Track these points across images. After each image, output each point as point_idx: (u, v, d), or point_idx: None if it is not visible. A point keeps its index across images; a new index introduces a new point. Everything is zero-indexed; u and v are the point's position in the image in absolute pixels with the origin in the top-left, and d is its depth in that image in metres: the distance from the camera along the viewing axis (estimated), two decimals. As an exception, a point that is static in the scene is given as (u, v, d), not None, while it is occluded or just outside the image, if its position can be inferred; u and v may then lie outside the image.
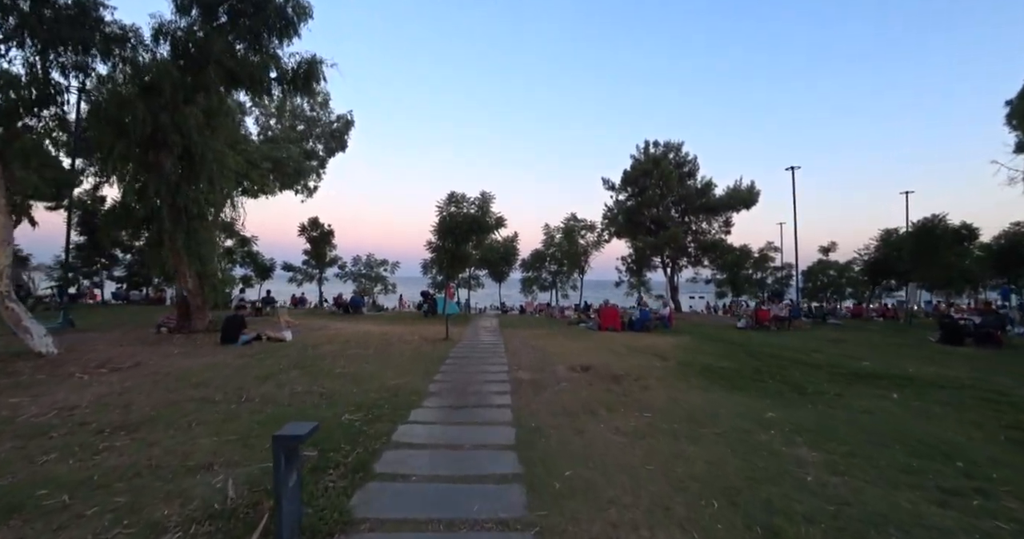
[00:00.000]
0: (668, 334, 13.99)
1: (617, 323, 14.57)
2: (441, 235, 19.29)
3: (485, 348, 9.95)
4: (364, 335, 11.41)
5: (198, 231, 10.21)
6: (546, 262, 27.94)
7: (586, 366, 7.63)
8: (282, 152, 16.28)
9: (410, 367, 7.45)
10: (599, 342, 11.28)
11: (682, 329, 15.78)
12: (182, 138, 9.38)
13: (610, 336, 12.92)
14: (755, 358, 9.32)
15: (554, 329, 14.84)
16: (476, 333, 13.07)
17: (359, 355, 8.46)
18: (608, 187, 25.06)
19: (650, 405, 5.44)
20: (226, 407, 5.00)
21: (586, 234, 22.01)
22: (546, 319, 20.45)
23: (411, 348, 9.46)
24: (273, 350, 8.82)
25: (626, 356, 9.01)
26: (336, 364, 7.51)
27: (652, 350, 9.95)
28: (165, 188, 9.60)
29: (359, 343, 9.95)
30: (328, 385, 6.08)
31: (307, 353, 8.53)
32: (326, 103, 22.16)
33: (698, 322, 20.21)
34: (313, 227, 26.62)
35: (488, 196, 18.49)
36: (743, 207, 23.61)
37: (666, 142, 23.40)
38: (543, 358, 8.57)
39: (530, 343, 10.79)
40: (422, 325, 14.77)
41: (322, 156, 22.59)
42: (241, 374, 6.62)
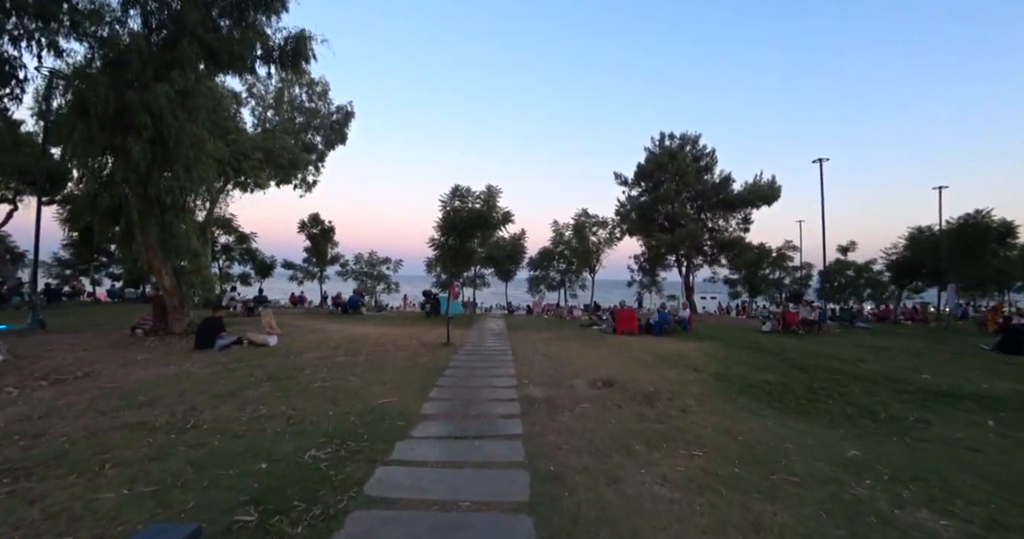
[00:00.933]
0: (690, 339, 12.84)
1: (634, 326, 13.44)
2: (445, 231, 18.27)
3: (490, 355, 8.88)
4: (357, 339, 10.39)
5: (173, 224, 9.22)
6: (555, 261, 26.80)
7: (609, 380, 6.52)
8: (275, 142, 15.29)
9: (403, 380, 6.40)
10: (617, 348, 10.17)
11: (703, 333, 14.60)
12: (152, 119, 8.38)
13: (628, 341, 11.79)
14: (799, 369, 8.16)
15: (565, 332, 13.74)
16: (481, 337, 12.00)
17: (347, 364, 7.42)
18: (620, 182, 23.88)
19: (697, 437, 4.33)
20: (163, 437, 3.97)
21: (598, 231, 20.90)
22: (555, 320, 19.34)
23: (407, 355, 8.40)
24: (251, 357, 7.80)
25: (652, 366, 7.89)
26: (317, 376, 6.47)
27: (679, 359, 8.82)
28: (135, 176, 8.61)
29: (350, 349, 8.92)
30: (301, 405, 5.04)
31: (288, 361, 7.50)
32: (325, 93, 21.23)
33: (716, 324, 19.00)
34: (313, 223, 25.71)
35: (495, 190, 17.44)
36: (763, 203, 22.32)
37: (682, 134, 22.20)
38: (557, 369, 7.48)
39: (540, 349, 9.70)
40: (423, 327, 13.74)
41: (321, 149, 21.65)
42: (202, 389, 5.60)
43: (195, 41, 8.52)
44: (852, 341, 13.60)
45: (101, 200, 8.52)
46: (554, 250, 26.60)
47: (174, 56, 8.61)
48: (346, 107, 21.49)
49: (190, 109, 9.18)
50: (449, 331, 10.01)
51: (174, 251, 9.39)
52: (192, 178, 9.31)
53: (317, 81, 21.05)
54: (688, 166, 20.54)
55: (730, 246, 23.57)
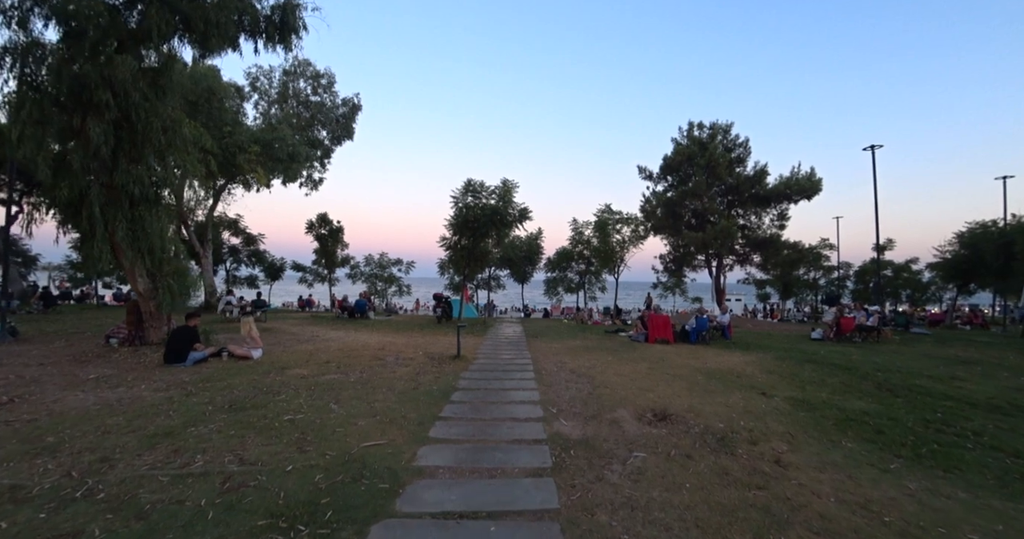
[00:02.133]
0: (733, 348, 11.24)
1: (669, 333, 11.90)
2: (457, 230, 16.96)
3: (507, 371, 7.48)
4: (355, 351, 9.11)
5: (145, 219, 8.05)
6: (573, 261, 25.30)
7: (661, 411, 5.06)
8: (272, 133, 14.19)
9: (398, 410, 5.04)
10: (656, 362, 8.67)
11: (745, 341, 12.97)
12: (115, 98, 7.23)
13: (664, 351, 10.27)
14: (889, 392, 6.57)
15: (590, 340, 12.28)
16: (496, 347, 10.62)
17: (334, 385, 6.11)
18: (644, 176, 22.27)
19: (824, 519, 2.86)
20: (29, 515, 2.68)
21: (622, 228, 19.37)
22: (576, 325, 17.86)
23: (409, 373, 7.06)
24: (223, 375, 6.56)
25: (707, 389, 6.38)
26: (292, 403, 5.16)
27: (735, 377, 7.30)
28: (97, 163, 7.49)
29: (343, 364, 7.62)
30: (255, 452, 3.72)
31: (264, 381, 6.22)
32: (331, 85, 20.17)
33: (753, 330, 17.27)
34: (321, 224, 24.67)
35: (511, 184, 16.05)
36: (802, 198, 20.47)
37: (713, 124, 20.47)
38: (591, 391, 6.04)
39: (566, 362, 8.27)
40: (432, 334, 12.42)
41: (327, 145, 20.60)
42: (135, 425, 4.33)
43: (165, 7, 7.34)
44: (921, 351, 11.82)
45: (60, 191, 7.39)
46: (573, 250, 25.12)
47: (141, 26, 7.45)
48: (352, 100, 20.42)
49: (162, 88, 8.01)
50: (460, 342, 8.63)
51: (146, 250, 8.22)
52: (166, 167, 8.14)
53: (323, 73, 20.04)
54: (720, 157, 18.86)
55: (765, 245, 21.75)
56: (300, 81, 20.03)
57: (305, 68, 19.79)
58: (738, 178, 20.26)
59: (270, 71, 19.84)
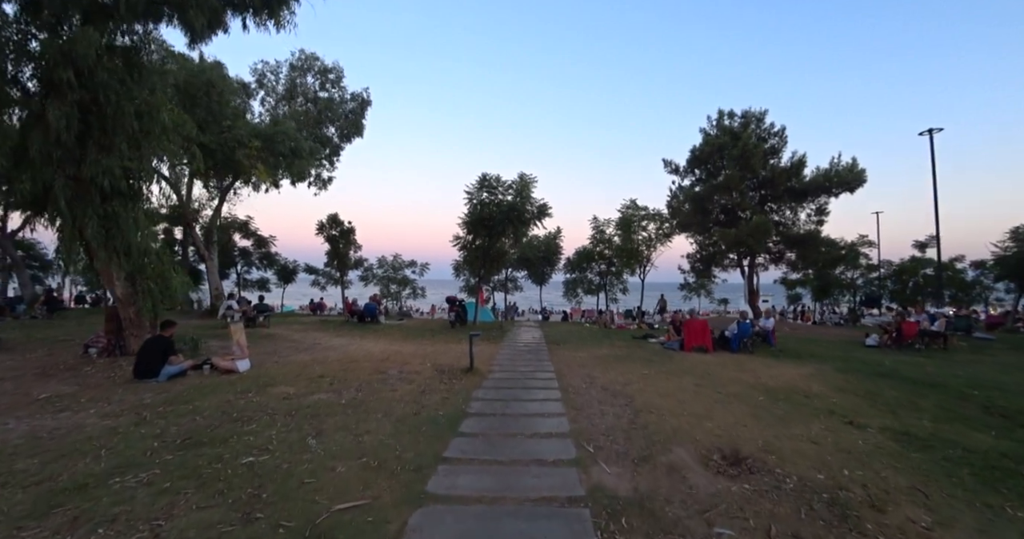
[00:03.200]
0: (783, 357, 9.91)
1: (707, 340, 10.61)
2: (472, 228, 15.94)
3: (528, 389, 6.36)
4: (356, 362, 8.10)
5: (119, 215, 7.19)
6: (594, 261, 24.02)
7: (732, 452, 3.87)
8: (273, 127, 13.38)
9: (393, 445, 3.98)
10: (702, 376, 7.44)
11: (792, 348, 11.59)
12: (79, 78, 6.37)
13: (705, 362, 9.02)
14: (1008, 419, 5.23)
15: (618, 347, 11.06)
16: (514, 356, 9.51)
17: (322, 408, 5.08)
18: (670, 170, 20.88)
19: None
20: None
21: (648, 225, 18.04)
22: (599, 329, 16.62)
23: (412, 391, 6.00)
24: (195, 395, 5.59)
25: (776, 414, 5.14)
26: (262, 436, 4.14)
27: (803, 397, 6.03)
28: (61, 151, 6.63)
29: (338, 379, 6.60)
30: (183, 521, 2.68)
31: (239, 404, 5.22)
32: (339, 80, 19.37)
33: (792, 334, 15.77)
34: (332, 225, 23.90)
35: (529, 179, 14.96)
36: (844, 190, 18.82)
37: (745, 112, 18.97)
38: (633, 419, 4.87)
39: (597, 377, 7.10)
40: (444, 341, 11.37)
41: (336, 142, 19.81)
42: (51, 470, 3.35)
43: (135, -25, 6.47)
44: (1000, 361, 10.29)
45: (22, 185, 6.57)
46: (593, 250, 23.86)
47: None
48: (362, 94, 19.58)
49: (136, 68, 7.14)
50: (473, 352, 7.53)
51: (122, 250, 7.36)
52: (142, 157, 7.25)
53: (331, 67, 19.25)
54: (754, 147, 17.40)
55: (801, 242, 20.13)
56: (308, 76, 19.29)
57: (312, 63, 19.05)
58: (773, 170, 18.74)
59: (277, 67, 19.17)
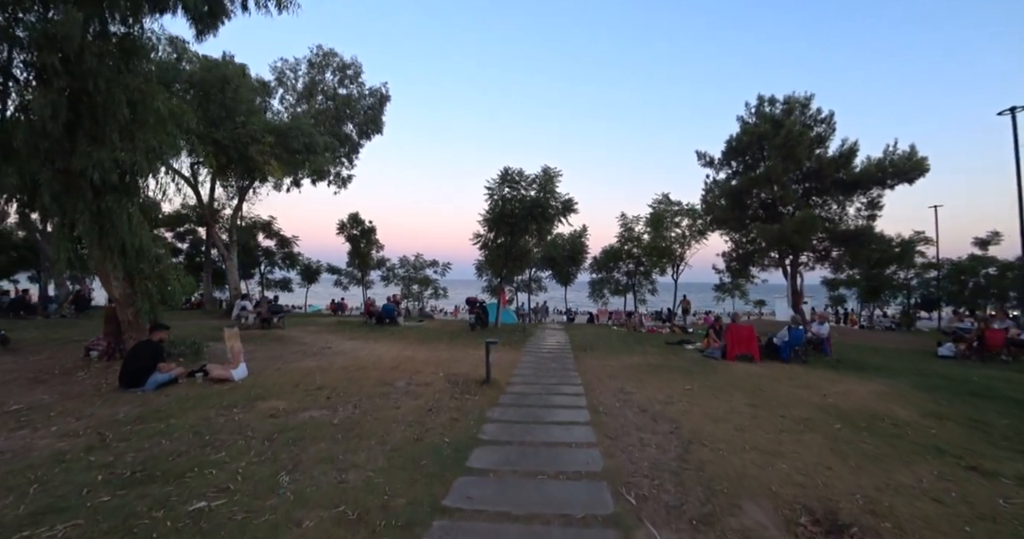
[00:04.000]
0: (842, 369, 8.70)
1: (754, 348, 9.46)
2: (493, 225, 15.15)
3: (552, 409, 5.49)
4: (362, 370, 7.39)
5: (113, 211, 6.70)
6: (622, 260, 22.86)
7: (828, 518, 2.88)
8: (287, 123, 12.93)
9: (382, 486, 3.18)
10: (755, 392, 6.39)
11: (850, 357, 10.30)
12: (66, 64, 5.89)
13: (755, 374, 7.93)
14: None
15: (651, 354, 10.04)
16: (537, 365, 8.64)
17: (309, 430, 4.34)
18: (704, 163, 19.51)
19: None
20: None
21: (682, 221, 16.78)
22: (628, 333, 15.55)
23: (418, 408, 5.22)
24: (174, 409, 4.96)
25: (864, 450, 4.09)
26: (228, 469, 3.42)
27: (891, 424, 4.93)
28: (49, 143, 6.17)
29: (338, 391, 5.89)
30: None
31: (218, 422, 4.55)
32: (357, 75, 18.92)
33: (843, 341, 14.27)
34: (353, 224, 23.62)
35: (553, 172, 14.06)
36: (901, 181, 17.05)
37: (788, 97, 17.45)
38: (683, 454, 3.93)
39: (632, 393, 6.16)
40: (462, 346, 10.60)
41: (354, 139, 19.39)
42: (-46, 519, 2.70)
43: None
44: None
45: (8, 178, 6.14)
46: (621, 248, 22.71)
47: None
48: (380, 89, 19.09)
49: (129, 54, 6.64)
50: (490, 362, 6.69)
51: (117, 248, 6.88)
52: (135, 148, 6.74)
53: (349, 63, 18.83)
54: (800, 135, 15.92)
55: (851, 239, 18.43)
56: (327, 73, 18.94)
57: (330, 59, 18.68)
58: (819, 161, 17.18)
59: (296, 65, 18.87)
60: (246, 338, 11.10)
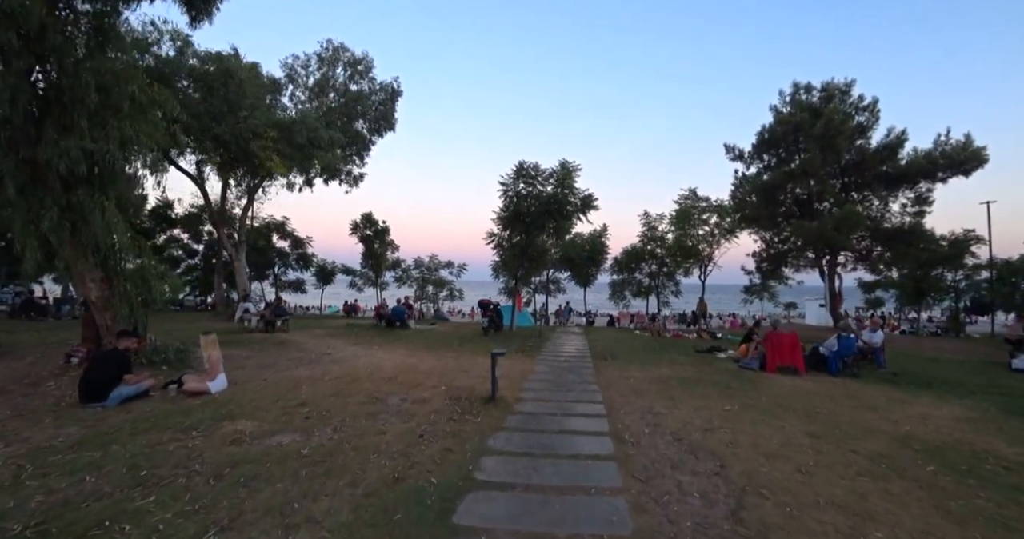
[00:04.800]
0: (904, 385, 7.56)
1: (798, 359, 8.37)
2: (508, 224, 14.33)
3: (567, 437, 4.61)
4: (355, 382, 6.64)
5: (86, 206, 6.12)
6: (645, 260, 21.72)
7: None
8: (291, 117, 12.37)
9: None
10: (810, 416, 5.38)
11: (909, 370, 9.10)
12: (28, 43, 5.32)
13: (805, 391, 6.88)
14: None
15: (681, 364, 9.04)
16: (551, 377, 7.75)
17: (268, 465, 3.58)
18: (733, 156, 18.29)
19: None
20: None
21: (710, 218, 15.63)
22: (652, 338, 14.50)
23: (407, 435, 4.41)
24: (126, 432, 4.27)
25: (987, 510, 3.08)
26: (141, 528, 2.66)
27: (1004, 468, 3.89)
28: (12, 131, 5.61)
29: (320, 410, 5.13)
30: None
31: (166, 451, 3.82)
32: (368, 70, 18.36)
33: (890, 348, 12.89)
34: (367, 224, 23.15)
35: (571, 167, 13.17)
36: (955, 173, 15.56)
37: (826, 84, 16.09)
38: (739, 512, 2.98)
39: (663, 417, 5.23)
40: (472, 353, 9.79)
41: (366, 136, 18.83)
42: None
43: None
44: None
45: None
46: (643, 248, 21.56)
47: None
48: (391, 84, 18.47)
49: (105, 34, 6.06)
50: (497, 376, 5.83)
51: (91, 246, 6.31)
52: (108, 137, 6.14)
53: (360, 58, 18.28)
54: (841, 123, 14.60)
55: (895, 237, 16.95)
56: (337, 68, 18.43)
57: (341, 54, 18.17)
58: (861, 152, 15.83)
59: (307, 61, 18.42)
60: (247, 342, 10.56)
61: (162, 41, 12.44)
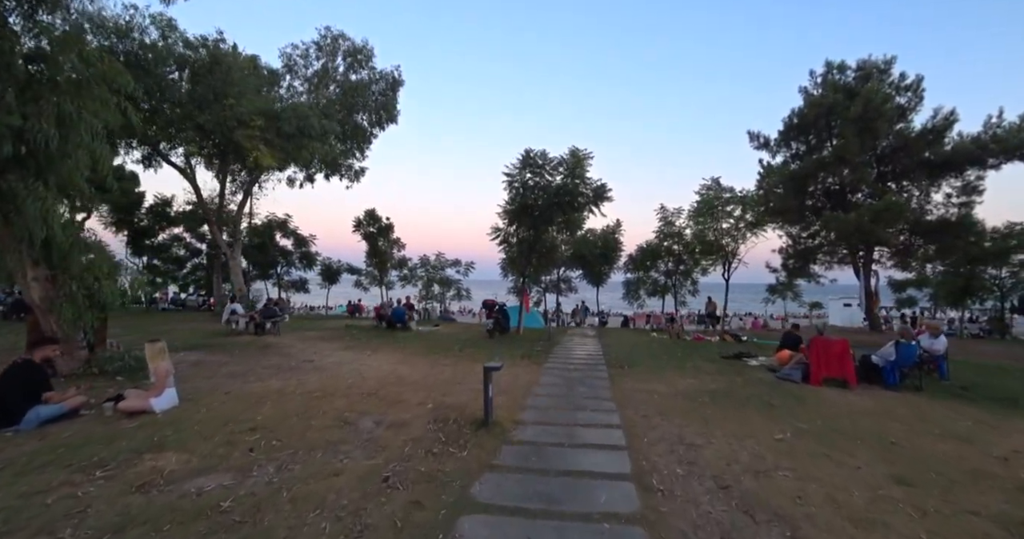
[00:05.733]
0: (981, 402, 6.37)
1: (848, 370, 7.18)
2: (514, 217, 13.34)
3: (575, 480, 3.60)
4: (330, 397, 5.69)
5: (19, 194, 5.28)
6: (662, 258, 20.49)
7: None
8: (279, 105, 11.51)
9: None
10: (888, 451, 4.28)
11: (978, 382, 7.87)
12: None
13: (864, 411, 5.74)
14: None
15: (707, 373, 7.94)
16: (559, 391, 6.72)
17: (171, 530, 2.63)
18: (758, 145, 16.97)
19: None
20: None
21: (735, 210, 14.34)
22: (672, 342, 13.36)
23: (367, 477, 3.43)
24: (29, 465, 3.37)
25: None
26: None
27: None
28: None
29: (274, 436, 4.18)
30: None
31: (24, 510, 2.91)
32: (368, 60, 17.47)
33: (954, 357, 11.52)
34: (370, 221, 22.35)
35: (582, 155, 12.11)
36: (1011, 159, 14.10)
37: (862, 62, 14.72)
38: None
39: (701, 450, 4.17)
40: (471, 359, 8.81)
41: (366, 128, 17.97)
42: None
43: None
44: None
45: None
46: (660, 245, 20.32)
47: None
48: (392, 73, 17.55)
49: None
50: (491, 396, 4.81)
51: (26, 239, 5.47)
52: (42, 113, 5.28)
53: (360, 47, 17.39)
54: (884, 103, 13.23)
55: (941, 230, 15.46)
56: (337, 58, 17.57)
57: (341, 43, 17.31)
58: (901, 137, 14.43)
59: (305, 51, 17.61)
60: (228, 346, 9.73)
61: (146, 27, 11.70)
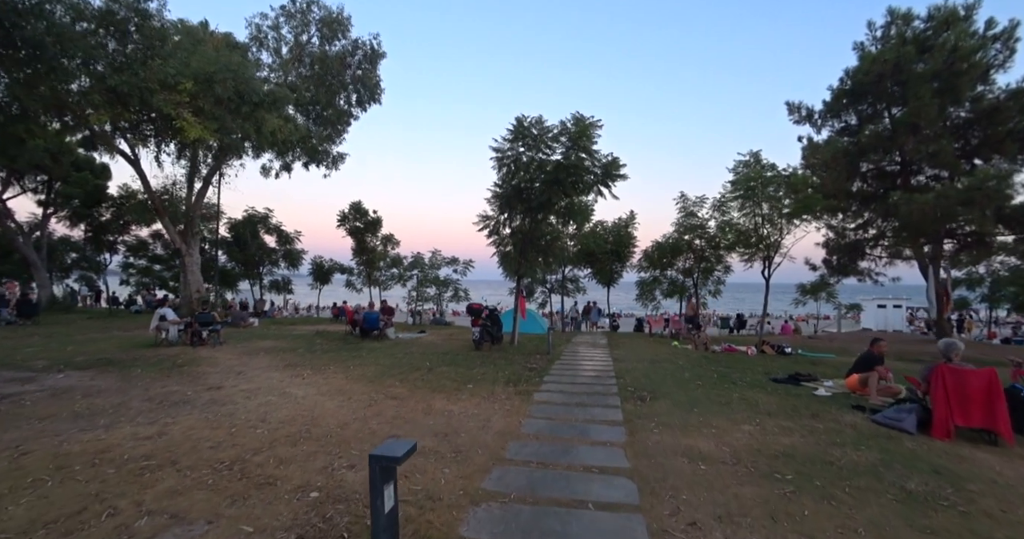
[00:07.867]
0: None
1: (1001, 418, 4.65)
2: (505, 203, 11.02)
3: None
4: (163, 469, 3.41)
5: None
6: (683, 252, 17.90)
7: None
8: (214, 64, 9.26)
9: None
10: None
11: None
12: None
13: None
14: None
15: (765, 411, 5.55)
16: (547, 452, 4.39)
17: None
18: (799, 119, 14.31)
19: None
20: None
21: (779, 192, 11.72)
22: (699, 355, 10.90)
23: None
24: None
25: None
26: None
27: None
28: None
29: None
30: None
31: None
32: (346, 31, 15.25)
33: None
34: (356, 215, 20.25)
35: (589, 122, 9.70)
36: None
37: (935, 8, 11.97)
38: None
39: None
40: (435, 387, 6.51)
41: (344, 108, 15.80)
42: None
43: None
44: None
45: None
46: (681, 239, 17.74)
47: None
48: (370, 42, 15.32)
49: None
50: (392, 504, 2.52)
51: None
52: None
53: (334, 15, 15.18)
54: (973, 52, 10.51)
55: (1022, 218, 12.69)
56: (312, 28, 15.42)
57: (313, 10, 15.11)
58: (986, 100, 11.72)
59: (276, 21, 15.49)
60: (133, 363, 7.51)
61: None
